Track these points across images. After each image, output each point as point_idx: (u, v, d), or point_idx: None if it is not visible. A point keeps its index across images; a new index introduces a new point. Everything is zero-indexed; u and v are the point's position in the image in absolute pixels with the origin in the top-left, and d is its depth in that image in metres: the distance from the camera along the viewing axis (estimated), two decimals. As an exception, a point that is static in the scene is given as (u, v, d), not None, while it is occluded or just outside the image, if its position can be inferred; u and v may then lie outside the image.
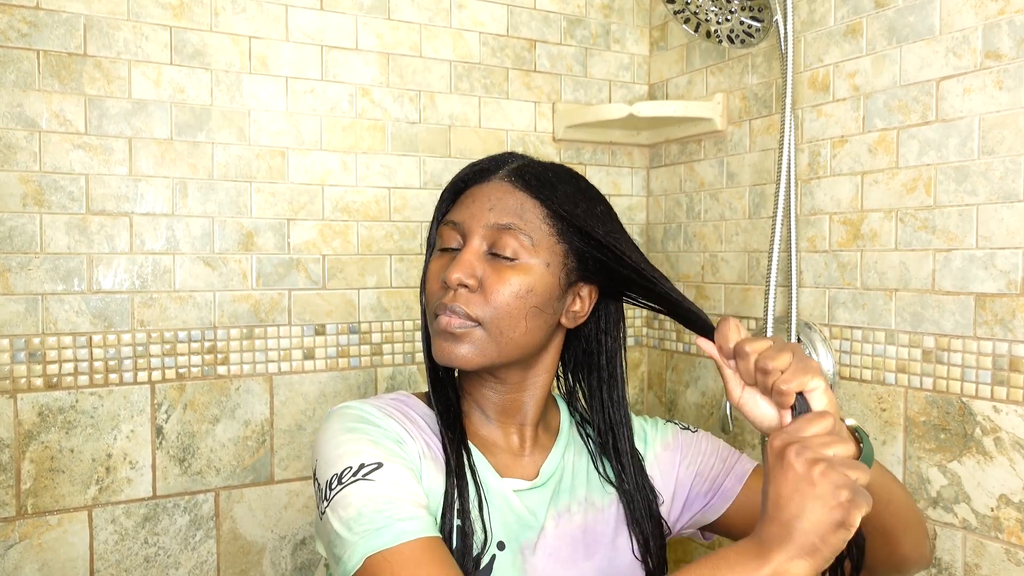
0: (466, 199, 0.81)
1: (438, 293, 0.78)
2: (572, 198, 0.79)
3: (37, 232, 1.24)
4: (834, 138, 1.31)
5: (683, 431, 0.94)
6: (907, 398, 1.20)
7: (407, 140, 1.51)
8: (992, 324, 1.09)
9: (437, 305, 0.77)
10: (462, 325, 0.76)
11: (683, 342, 1.68)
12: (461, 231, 0.79)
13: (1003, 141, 1.07)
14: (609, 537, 0.85)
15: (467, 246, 0.78)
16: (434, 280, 0.80)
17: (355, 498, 0.68)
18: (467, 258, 0.77)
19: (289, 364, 1.42)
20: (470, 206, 0.79)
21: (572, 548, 0.82)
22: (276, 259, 1.40)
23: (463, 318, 0.76)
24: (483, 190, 0.80)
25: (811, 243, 1.35)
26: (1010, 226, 1.07)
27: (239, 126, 1.37)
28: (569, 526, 0.83)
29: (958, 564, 1.13)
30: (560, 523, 0.83)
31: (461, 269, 0.76)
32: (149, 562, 1.32)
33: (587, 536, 0.84)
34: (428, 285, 0.81)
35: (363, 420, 0.76)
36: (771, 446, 0.64)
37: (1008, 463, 1.07)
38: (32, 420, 1.23)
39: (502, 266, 0.77)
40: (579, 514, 0.84)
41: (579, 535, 0.83)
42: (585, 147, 1.70)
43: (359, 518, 0.67)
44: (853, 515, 0.59)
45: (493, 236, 0.77)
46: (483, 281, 0.76)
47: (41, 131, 1.23)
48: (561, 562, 0.81)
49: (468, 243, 0.78)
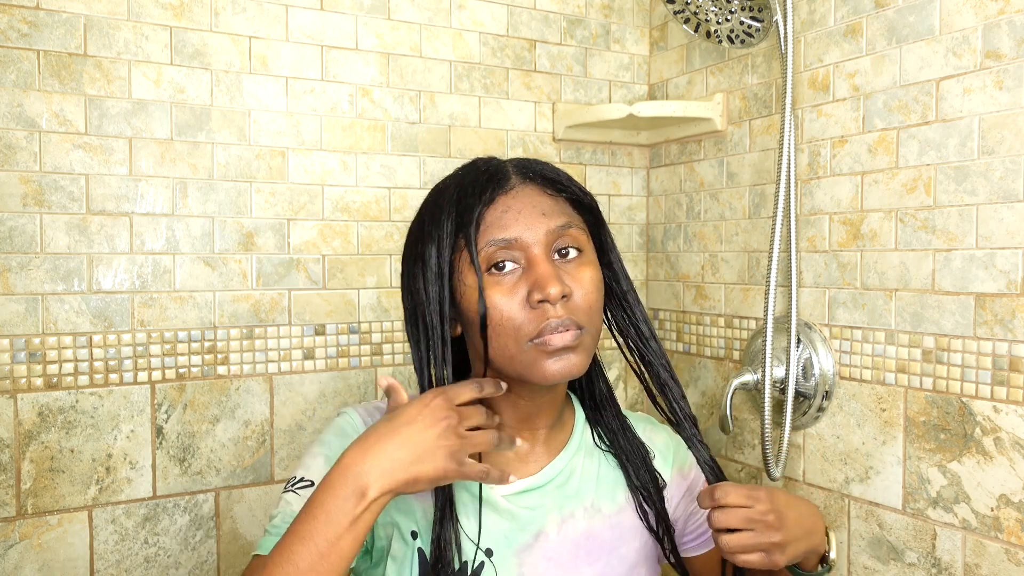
0: (503, 215, 0.76)
1: (529, 316, 0.74)
2: (572, 181, 0.82)
3: (37, 232, 1.24)
4: (834, 138, 1.31)
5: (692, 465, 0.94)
6: (907, 398, 1.20)
7: (407, 140, 1.51)
8: (992, 324, 1.09)
9: (543, 327, 0.74)
10: (576, 336, 0.75)
11: (683, 342, 1.68)
12: (520, 246, 0.75)
13: (1003, 141, 1.07)
14: (612, 544, 0.85)
15: (537, 258, 0.75)
16: (513, 305, 0.75)
17: (282, 503, 0.78)
18: (549, 269, 0.74)
19: (289, 364, 1.42)
20: (516, 219, 0.76)
21: (573, 554, 0.82)
22: (276, 259, 1.40)
23: (575, 328, 0.75)
24: (518, 199, 0.77)
25: (811, 243, 1.35)
26: (1010, 226, 1.07)
27: (239, 126, 1.37)
28: (573, 532, 0.83)
29: (958, 564, 1.13)
30: (563, 528, 0.83)
31: (555, 282, 0.73)
32: (149, 562, 1.32)
33: (590, 542, 0.83)
34: (500, 314, 0.75)
35: (340, 434, 0.82)
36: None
37: (1008, 463, 1.07)
38: (32, 420, 1.24)
39: (572, 266, 0.77)
40: (583, 520, 0.84)
41: (582, 541, 0.83)
42: (585, 147, 1.70)
43: (272, 520, 0.77)
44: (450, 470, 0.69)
45: (554, 239, 0.77)
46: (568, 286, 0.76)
47: (41, 131, 1.23)
48: (561, 567, 0.81)
49: (535, 255, 0.75)
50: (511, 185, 0.78)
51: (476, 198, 0.76)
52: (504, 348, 0.75)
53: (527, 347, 0.75)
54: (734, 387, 1.37)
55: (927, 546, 1.18)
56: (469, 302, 0.76)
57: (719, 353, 1.58)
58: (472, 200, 0.76)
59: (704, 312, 1.62)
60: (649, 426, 0.94)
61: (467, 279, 0.76)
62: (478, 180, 0.78)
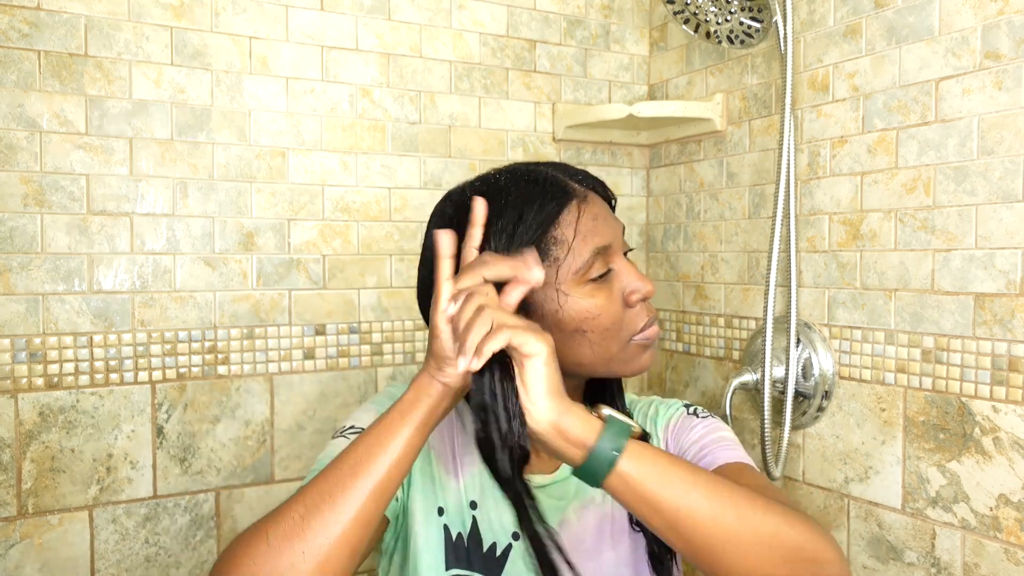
0: (594, 223, 0.77)
1: (629, 315, 0.78)
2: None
3: (38, 232, 1.24)
4: (834, 138, 1.31)
5: (688, 416, 0.91)
6: (906, 398, 1.21)
7: (407, 140, 1.51)
8: (991, 324, 1.09)
9: (644, 326, 0.79)
10: (658, 327, 0.82)
11: (683, 342, 1.68)
12: (611, 251, 0.78)
13: (1002, 141, 1.08)
14: (630, 522, 0.86)
15: (622, 260, 0.79)
16: (616, 308, 0.77)
17: (329, 447, 0.80)
18: (635, 270, 0.80)
19: (289, 364, 1.42)
20: (603, 227, 0.78)
21: (597, 538, 0.83)
22: (276, 259, 1.41)
23: (656, 320, 0.82)
24: (595, 206, 0.79)
25: (811, 243, 1.35)
26: (1009, 226, 1.07)
27: (239, 126, 1.37)
28: (593, 517, 0.84)
29: (957, 564, 1.14)
30: (584, 514, 0.83)
31: (647, 281, 0.79)
32: (150, 562, 1.32)
33: (612, 525, 0.84)
34: (610, 318, 0.76)
35: (391, 397, 0.83)
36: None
37: (1007, 463, 1.07)
38: (33, 420, 1.24)
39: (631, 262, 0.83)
40: (602, 504, 0.85)
41: (605, 525, 0.84)
42: (585, 147, 1.70)
43: (320, 460, 0.78)
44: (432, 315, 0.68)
45: (624, 244, 0.81)
46: None
47: (42, 131, 1.24)
48: (584, 552, 0.82)
49: (620, 257, 0.79)
50: (583, 193, 0.79)
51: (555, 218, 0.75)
52: (607, 349, 0.77)
53: (628, 345, 0.78)
54: (734, 387, 1.37)
55: (926, 546, 1.18)
56: (574, 312, 0.75)
57: (719, 353, 1.58)
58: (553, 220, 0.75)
59: (704, 312, 1.62)
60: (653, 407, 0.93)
61: (566, 288, 0.75)
62: (552, 193, 0.76)
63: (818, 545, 0.66)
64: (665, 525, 0.64)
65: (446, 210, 0.80)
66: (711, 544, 0.63)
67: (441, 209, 0.82)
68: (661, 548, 0.86)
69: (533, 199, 0.75)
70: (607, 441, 0.64)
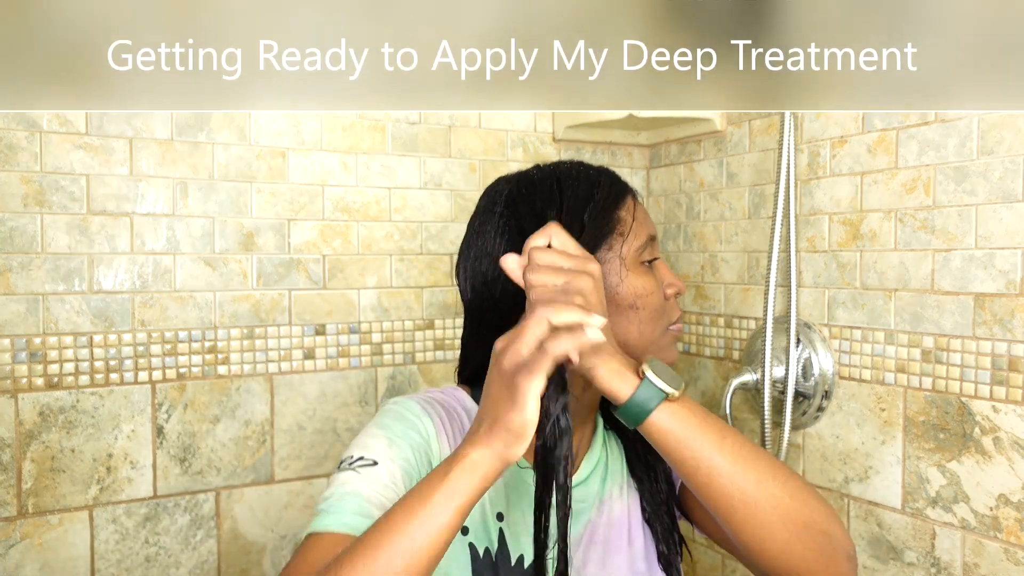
0: (646, 219, 0.84)
1: (667, 306, 0.83)
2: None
3: (38, 232, 1.24)
4: (834, 138, 1.31)
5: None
6: (906, 398, 1.21)
7: (407, 140, 1.51)
8: (991, 324, 1.09)
9: (676, 317, 0.84)
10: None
11: (683, 342, 1.68)
12: (656, 243, 0.84)
13: (1002, 141, 1.08)
14: (650, 516, 0.87)
15: (660, 257, 0.84)
16: (660, 297, 0.82)
17: (336, 481, 0.73)
18: (669, 269, 0.85)
19: (289, 364, 1.42)
20: (650, 222, 0.85)
21: (619, 533, 0.84)
22: (276, 259, 1.41)
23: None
24: (640, 207, 0.85)
25: (811, 243, 1.35)
26: (1009, 226, 1.07)
27: (239, 126, 1.37)
28: (613, 514, 0.84)
29: (957, 564, 1.14)
30: (603, 510, 0.84)
31: (679, 280, 0.84)
32: (150, 562, 1.32)
33: (631, 519, 0.85)
34: (657, 302, 0.81)
35: (399, 418, 0.77)
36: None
37: (1007, 463, 1.07)
38: (33, 420, 1.24)
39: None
40: (619, 500, 0.85)
41: (624, 520, 0.85)
42: (585, 147, 1.70)
43: (327, 498, 0.72)
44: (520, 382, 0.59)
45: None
46: None
47: (42, 131, 1.24)
48: (608, 549, 0.82)
49: (659, 254, 0.84)
50: (632, 190, 0.86)
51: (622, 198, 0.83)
52: (651, 332, 0.81)
53: (666, 332, 0.82)
54: (734, 387, 1.37)
55: (926, 546, 1.18)
56: (632, 287, 0.79)
57: (719, 353, 1.58)
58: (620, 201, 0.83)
59: (704, 312, 1.62)
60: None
61: (626, 266, 0.80)
62: (614, 180, 0.85)
63: (831, 521, 0.71)
64: (688, 477, 0.70)
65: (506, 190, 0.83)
66: (730, 504, 0.68)
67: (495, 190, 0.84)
68: (669, 548, 0.86)
69: (599, 181, 0.83)
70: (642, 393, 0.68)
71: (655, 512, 0.86)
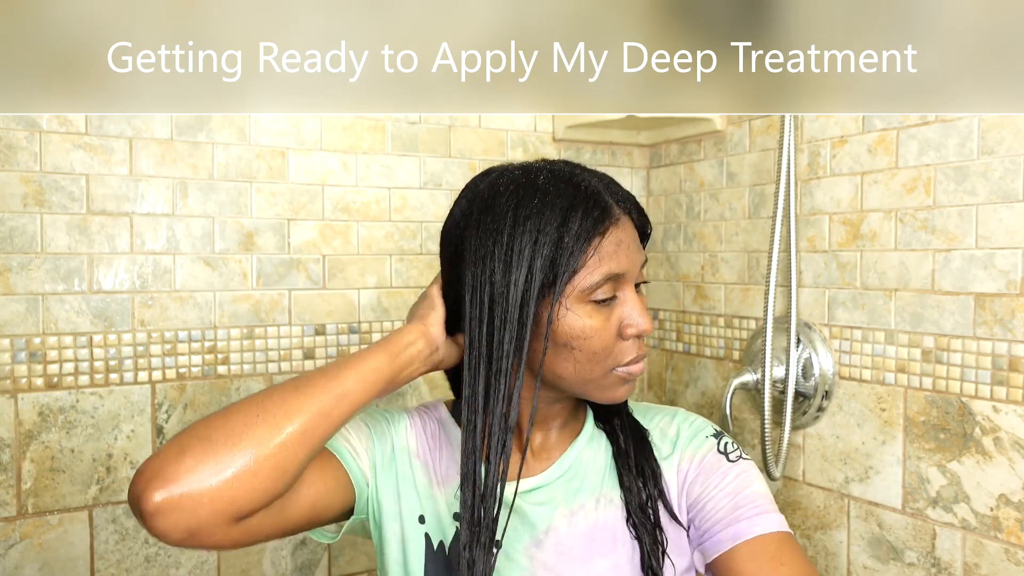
0: (616, 248, 0.76)
1: (620, 347, 0.77)
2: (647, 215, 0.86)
3: (38, 232, 1.24)
4: (834, 138, 1.31)
5: (719, 455, 0.85)
6: (907, 398, 1.21)
7: (407, 140, 1.51)
8: (992, 324, 1.09)
9: (630, 360, 0.78)
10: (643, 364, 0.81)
11: (683, 342, 1.68)
12: (624, 280, 0.77)
13: (1002, 141, 1.08)
14: (627, 534, 0.83)
15: (630, 291, 0.77)
16: (608, 336, 0.76)
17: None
18: (641, 305, 0.78)
19: (289, 364, 1.42)
20: (626, 254, 0.76)
21: (586, 546, 0.82)
22: (276, 259, 1.41)
23: (643, 357, 0.80)
24: (624, 232, 0.77)
25: (811, 243, 1.35)
26: (1009, 226, 1.07)
27: (239, 126, 1.37)
28: (583, 524, 0.83)
29: (957, 564, 1.14)
30: (574, 520, 0.82)
31: (649, 319, 0.77)
32: (150, 562, 1.32)
33: (603, 532, 0.83)
34: (600, 343, 0.76)
35: (383, 416, 0.87)
36: None
37: (1007, 463, 1.08)
38: (33, 420, 1.24)
39: (642, 296, 0.81)
40: (594, 511, 0.84)
41: (595, 532, 0.83)
42: (585, 147, 1.70)
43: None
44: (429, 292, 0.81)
45: (639, 273, 0.79)
46: None
47: (42, 131, 1.23)
48: (572, 560, 0.81)
49: (629, 288, 0.77)
50: (617, 215, 0.77)
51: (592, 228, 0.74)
52: (589, 372, 0.77)
53: (609, 374, 0.77)
54: (734, 387, 1.37)
55: (927, 546, 1.18)
56: (568, 327, 0.75)
57: (719, 353, 1.58)
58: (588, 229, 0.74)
59: (704, 312, 1.62)
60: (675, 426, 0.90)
61: (567, 303, 0.75)
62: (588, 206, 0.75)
63: None
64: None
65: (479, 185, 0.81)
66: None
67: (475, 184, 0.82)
68: (655, 557, 0.84)
69: (576, 206, 0.74)
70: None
71: (641, 521, 0.85)
